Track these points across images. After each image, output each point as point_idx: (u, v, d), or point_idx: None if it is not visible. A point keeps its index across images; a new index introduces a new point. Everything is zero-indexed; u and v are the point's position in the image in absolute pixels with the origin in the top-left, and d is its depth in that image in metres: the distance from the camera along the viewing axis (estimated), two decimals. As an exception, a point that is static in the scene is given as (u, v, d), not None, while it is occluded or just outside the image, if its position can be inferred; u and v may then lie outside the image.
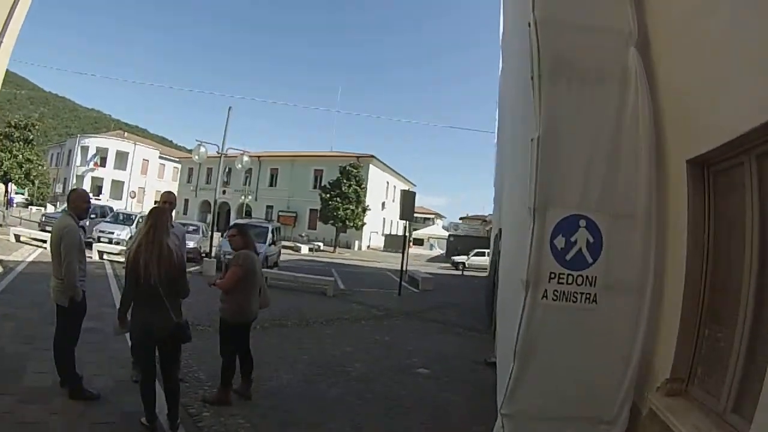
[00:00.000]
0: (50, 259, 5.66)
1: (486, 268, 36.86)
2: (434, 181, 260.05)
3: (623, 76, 4.62)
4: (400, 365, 8.71)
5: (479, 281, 26.70)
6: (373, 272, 29.96)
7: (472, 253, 41.19)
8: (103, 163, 73.71)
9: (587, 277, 4.42)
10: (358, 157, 53.02)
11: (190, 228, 25.59)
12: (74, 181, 68.77)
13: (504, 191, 8.10)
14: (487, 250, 40.17)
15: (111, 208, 31.61)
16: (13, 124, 41.55)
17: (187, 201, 68.63)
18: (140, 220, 26.78)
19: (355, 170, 47.47)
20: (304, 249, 42.56)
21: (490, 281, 13.14)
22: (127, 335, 5.59)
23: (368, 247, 55.33)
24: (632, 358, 4.51)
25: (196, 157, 21.13)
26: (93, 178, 72.01)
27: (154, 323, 4.82)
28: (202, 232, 26.14)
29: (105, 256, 20.49)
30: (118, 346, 7.12)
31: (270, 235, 23.80)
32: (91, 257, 19.02)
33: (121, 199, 53.80)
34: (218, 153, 21.00)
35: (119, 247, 20.86)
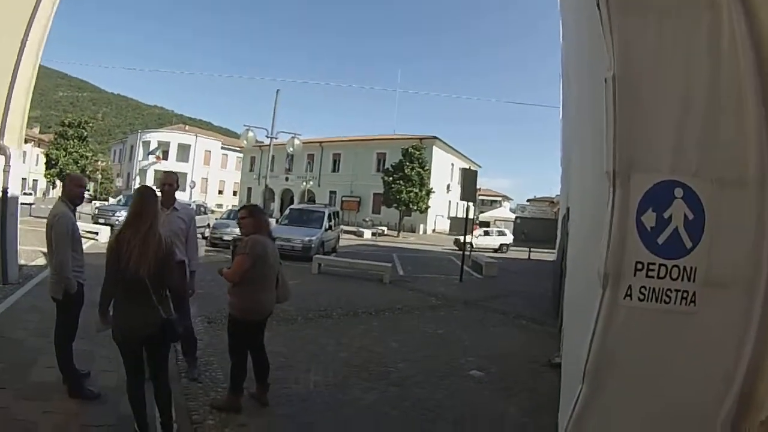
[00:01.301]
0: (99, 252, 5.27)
1: (495, 249, 37.34)
2: (500, 163, 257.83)
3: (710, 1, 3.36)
4: (451, 366, 7.56)
5: (547, 266, 25.17)
6: (436, 257, 28.82)
7: (477, 233, 38.99)
8: (165, 156, 76.19)
9: (685, 268, 3.20)
10: (421, 138, 51.87)
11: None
12: (137, 175, 71.11)
13: (571, 162, 6.96)
14: (494, 229, 40.23)
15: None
16: (66, 123, 42.65)
17: (250, 189, 70.05)
18: (195, 208, 26.62)
19: (417, 152, 46.36)
20: (367, 234, 41.92)
21: (557, 268, 11.76)
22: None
23: (433, 230, 54.19)
24: (735, 378, 3.27)
25: (245, 142, 20.65)
26: (155, 171, 73.87)
27: (139, 319, 4.22)
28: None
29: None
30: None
31: (326, 220, 23.00)
32: None
33: (185, 190, 54.62)
34: (268, 137, 20.15)
35: None
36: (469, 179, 19.19)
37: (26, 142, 48.53)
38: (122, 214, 23.87)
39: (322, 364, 7.02)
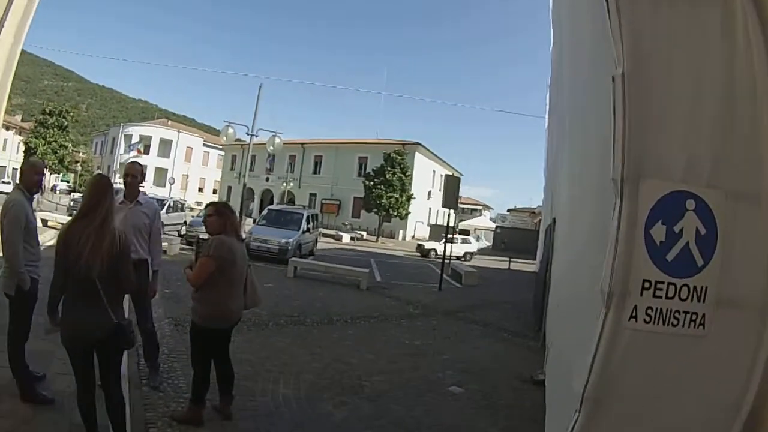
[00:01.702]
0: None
1: (459, 258, 35.21)
2: (482, 172, 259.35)
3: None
4: (429, 380, 7.18)
5: (528, 277, 24.89)
6: (415, 264, 28.43)
7: (442, 240, 38.07)
8: (146, 150, 75.16)
9: (695, 288, 2.86)
10: (403, 144, 51.31)
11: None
12: (117, 168, 70.59)
13: (560, 170, 6.66)
14: (459, 237, 38.39)
15: (143, 193, 31.21)
16: (47, 111, 42.37)
17: (230, 188, 69.38)
18: (171, 204, 26.20)
19: (399, 157, 45.81)
20: (346, 238, 41.42)
21: (540, 280, 11.43)
22: None
23: (413, 237, 53.44)
24: (743, 405, 2.97)
25: (224, 138, 20.21)
26: None
27: (87, 323, 3.79)
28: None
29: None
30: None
31: (305, 222, 22.73)
32: None
33: (164, 186, 54.24)
34: (248, 134, 19.71)
35: None
36: (451, 186, 18.82)
37: (8, 129, 48.42)
38: None
39: (291, 375, 6.60)
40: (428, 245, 36.51)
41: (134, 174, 5.78)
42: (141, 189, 6.06)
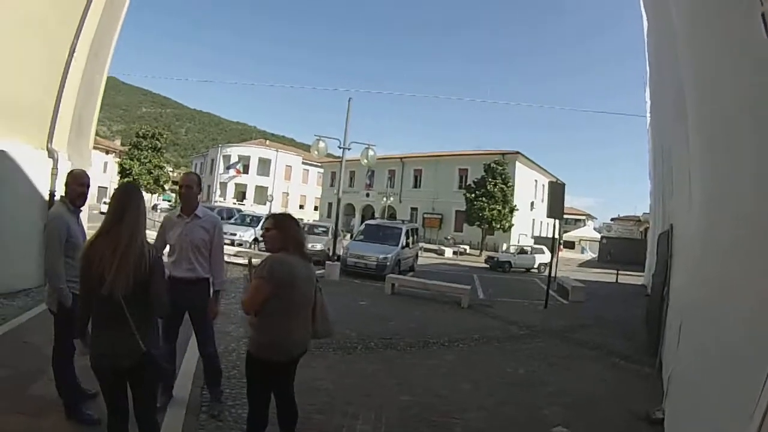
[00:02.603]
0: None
1: (531, 268, 33.62)
2: (582, 180, 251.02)
3: None
4: (532, 418, 6.21)
5: (637, 290, 23.12)
6: (520, 278, 27.25)
7: (517, 251, 35.65)
8: (246, 170, 78.35)
9: None
10: (503, 153, 49.97)
11: (319, 230, 24.80)
12: (217, 188, 73.11)
13: (677, 172, 5.73)
14: (530, 247, 36.15)
15: (238, 210, 31.94)
16: (141, 134, 44.19)
17: (330, 204, 70.02)
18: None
19: (500, 167, 44.72)
20: (449, 252, 40.91)
21: (656, 295, 10.16)
22: None
23: (517, 250, 52.11)
24: None
25: (316, 152, 19.86)
26: (236, 184, 76.41)
27: (114, 350, 3.33)
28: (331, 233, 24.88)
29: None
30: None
31: (403, 237, 22.15)
32: None
33: (264, 204, 55.51)
34: (340, 147, 19.29)
35: (234, 248, 20.31)
36: (556, 194, 17.34)
37: (107, 153, 51.16)
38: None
39: (373, 410, 5.85)
40: (503, 257, 34.09)
41: (189, 184, 5.24)
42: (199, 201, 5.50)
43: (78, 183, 4.74)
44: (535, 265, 33.72)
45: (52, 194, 10.38)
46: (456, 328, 11.33)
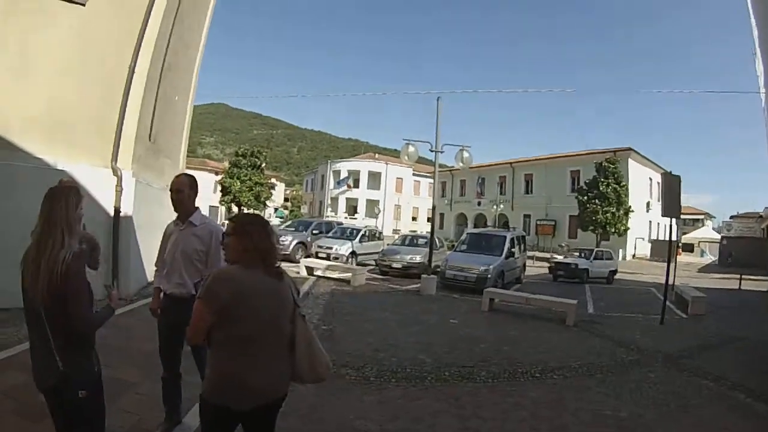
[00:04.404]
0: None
1: (607, 276, 26.88)
2: (697, 175, 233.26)
3: None
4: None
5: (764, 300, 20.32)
6: (635, 289, 24.43)
7: (592, 256, 27.60)
8: (356, 184, 79.29)
9: None
10: (614, 151, 47.35)
11: (420, 241, 23.88)
12: (329, 203, 74.59)
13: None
14: (589, 251, 28.91)
15: (338, 223, 31.59)
16: (240, 153, 45.42)
17: (442, 215, 69.05)
18: (366, 233, 25.69)
19: (612, 166, 41.89)
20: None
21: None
22: None
23: (633, 256, 48.59)
24: None
25: (406, 158, 18.82)
26: (348, 198, 77.09)
27: (36, 365, 3.02)
28: (435, 245, 23.52)
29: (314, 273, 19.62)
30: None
31: (508, 246, 20.61)
32: (298, 272, 18.31)
33: (377, 217, 55.61)
34: (431, 150, 18.22)
35: (326, 263, 19.74)
36: (671, 188, 14.72)
37: (217, 174, 52.70)
38: (287, 239, 23.83)
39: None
40: (581, 263, 26.40)
41: (178, 188, 4.56)
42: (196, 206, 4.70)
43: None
44: (605, 274, 27.55)
45: (117, 210, 10.78)
46: (554, 352, 9.78)
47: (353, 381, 7.10)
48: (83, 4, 10.22)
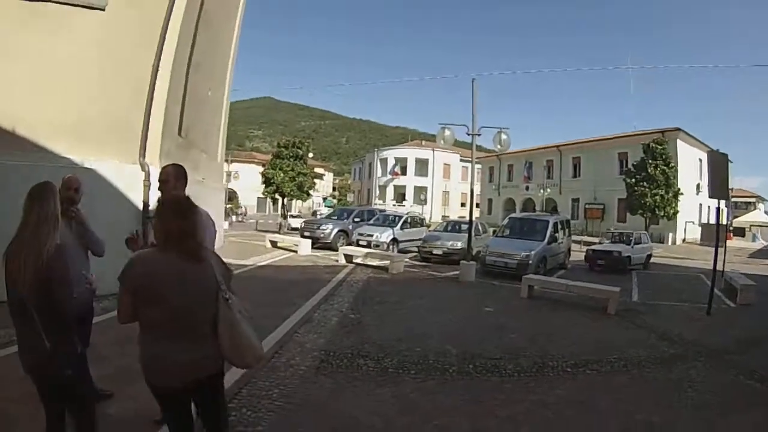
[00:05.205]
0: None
1: (637, 266, 23.85)
2: (745, 155, 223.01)
3: None
4: None
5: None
6: (684, 275, 22.98)
7: (631, 238, 25.14)
8: (404, 171, 79.30)
9: None
10: (662, 131, 45.79)
11: (463, 227, 23.54)
12: (377, 192, 74.69)
13: None
14: (617, 233, 27.74)
15: (381, 210, 31.47)
16: (282, 144, 46.06)
17: (490, 201, 68.74)
18: (408, 220, 25.44)
19: (660, 147, 40.51)
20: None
21: None
22: None
23: (683, 240, 46.89)
24: None
25: (442, 141, 18.62)
26: (395, 186, 76.91)
27: (23, 352, 3.34)
28: (478, 230, 23.68)
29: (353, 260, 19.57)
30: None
31: (551, 230, 20.11)
32: (337, 261, 18.41)
33: (426, 203, 55.52)
34: (468, 134, 17.82)
35: (365, 250, 19.69)
36: (718, 167, 13.62)
37: (264, 166, 52.96)
38: (327, 228, 23.71)
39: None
40: (613, 247, 23.83)
41: (164, 179, 4.62)
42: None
43: (67, 187, 4.65)
44: (642, 260, 25.02)
45: (146, 204, 10.98)
46: (589, 345, 9.21)
47: (370, 372, 6.89)
48: (103, 9, 10.62)
